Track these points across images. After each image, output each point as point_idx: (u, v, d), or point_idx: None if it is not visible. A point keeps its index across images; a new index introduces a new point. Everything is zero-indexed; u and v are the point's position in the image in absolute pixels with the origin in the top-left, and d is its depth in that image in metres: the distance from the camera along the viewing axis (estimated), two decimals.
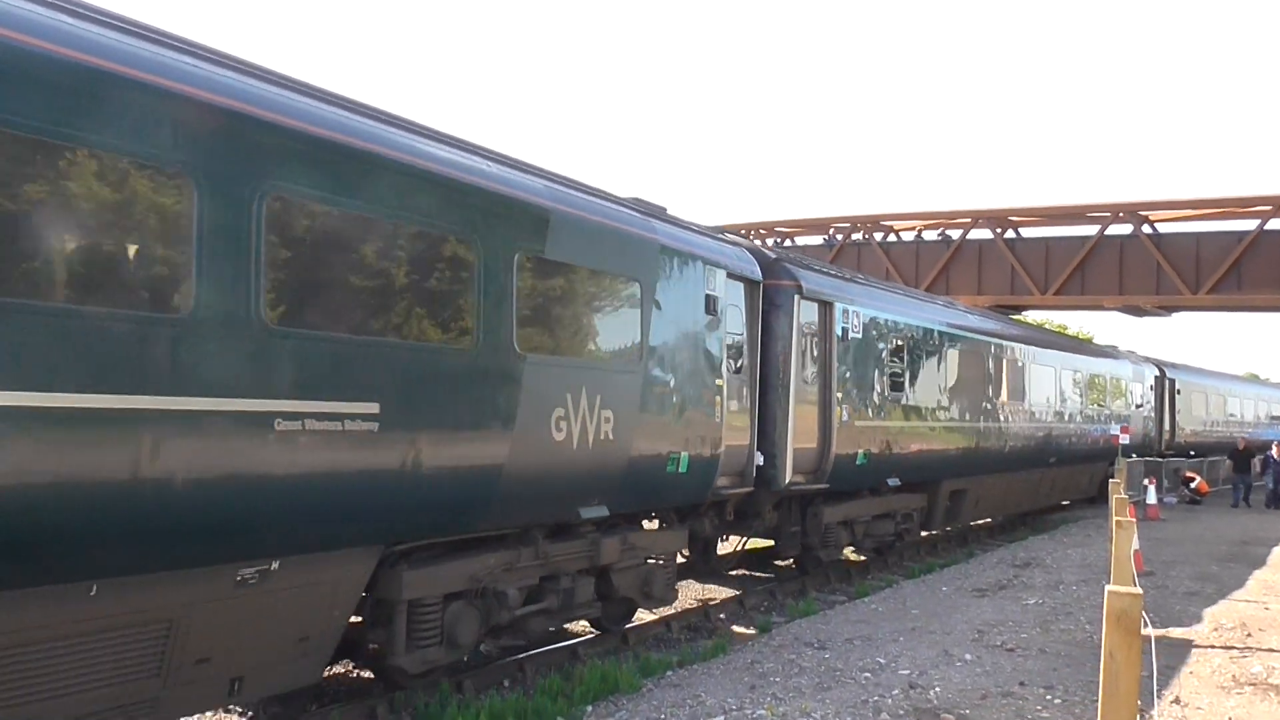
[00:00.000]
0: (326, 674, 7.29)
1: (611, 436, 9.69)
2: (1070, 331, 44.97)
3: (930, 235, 35.88)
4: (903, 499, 17.30)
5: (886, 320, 16.19)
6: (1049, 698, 8.86)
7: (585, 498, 9.66)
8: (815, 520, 14.81)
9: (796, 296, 13.49)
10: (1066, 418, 25.43)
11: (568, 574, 9.96)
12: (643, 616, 12.24)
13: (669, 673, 10.03)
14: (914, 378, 17.06)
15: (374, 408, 7.15)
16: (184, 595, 6.32)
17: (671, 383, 10.73)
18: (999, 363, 21.07)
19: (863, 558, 17.35)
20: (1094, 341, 39.25)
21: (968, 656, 10.30)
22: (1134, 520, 9.86)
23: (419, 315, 7.72)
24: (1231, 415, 43.88)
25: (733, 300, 12.22)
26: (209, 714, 8.44)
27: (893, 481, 16.54)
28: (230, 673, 6.83)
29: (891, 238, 36.50)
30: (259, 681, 7.11)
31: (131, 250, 5.87)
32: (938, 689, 9.07)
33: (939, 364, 18.13)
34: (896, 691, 8.96)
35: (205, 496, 6.12)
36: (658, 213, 11.52)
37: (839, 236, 36.59)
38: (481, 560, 8.83)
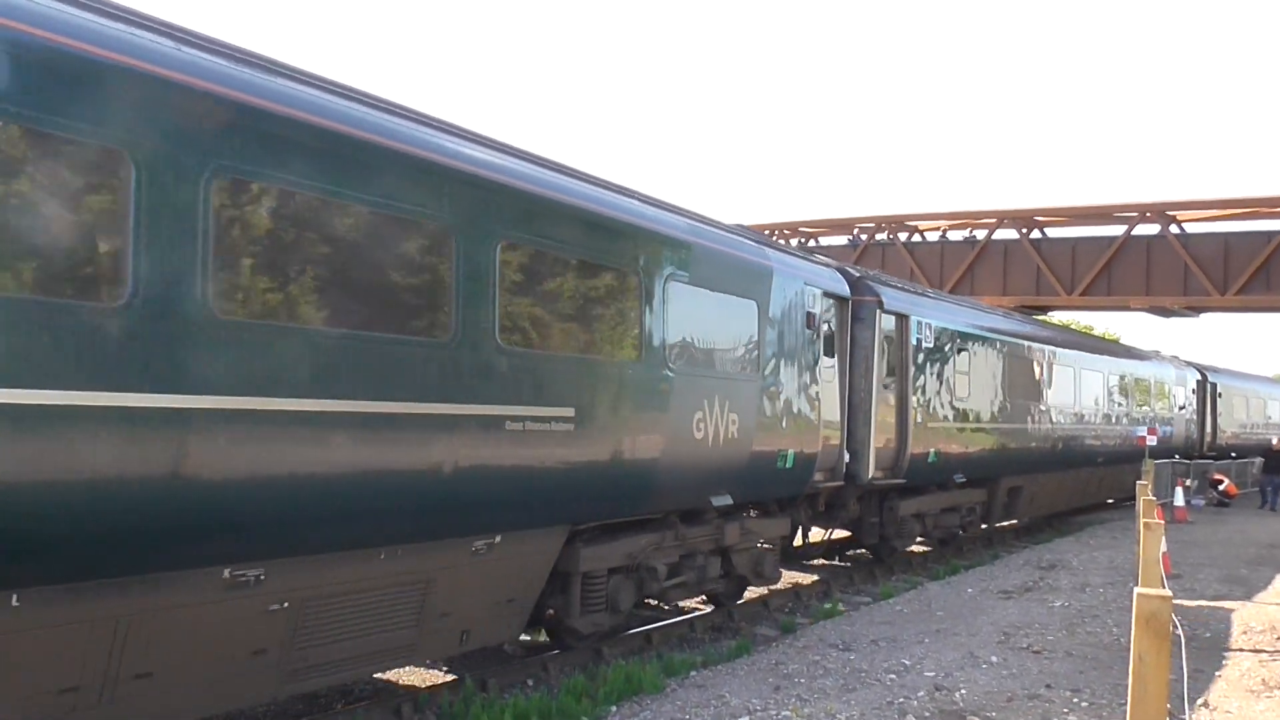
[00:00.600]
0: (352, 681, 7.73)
1: (736, 436, 11.21)
2: (1096, 332, 44.71)
3: (955, 235, 35.71)
4: (966, 494, 18.69)
5: (953, 330, 17.63)
6: (1076, 701, 8.81)
7: (715, 488, 11.16)
8: (892, 513, 16.20)
9: (878, 310, 14.87)
10: (1114, 420, 26.71)
11: (701, 553, 11.56)
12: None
13: (693, 673, 10.03)
14: (977, 382, 18.50)
15: (570, 412, 8.73)
16: (439, 561, 7.91)
17: (781, 389, 12.26)
18: (1052, 368, 22.45)
19: (925, 548, 18.99)
20: (1120, 342, 39.05)
21: (993, 659, 10.25)
22: (1162, 522, 9.79)
23: (601, 335, 9.35)
24: (1270, 418, 44.80)
25: (827, 315, 13.66)
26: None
27: (958, 478, 17.89)
28: (461, 626, 8.39)
29: (916, 238, 36.35)
30: (479, 635, 8.67)
31: (407, 293, 7.42)
32: (963, 691, 9.03)
33: (999, 369, 19.61)
34: (922, 693, 8.93)
35: (464, 480, 7.76)
36: (767, 241, 13.63)
37: (863, 237, 36.47)
38: (636, 540, 10.45)
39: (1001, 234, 33.87)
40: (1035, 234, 33.48)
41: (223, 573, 6.29)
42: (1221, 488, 30.32)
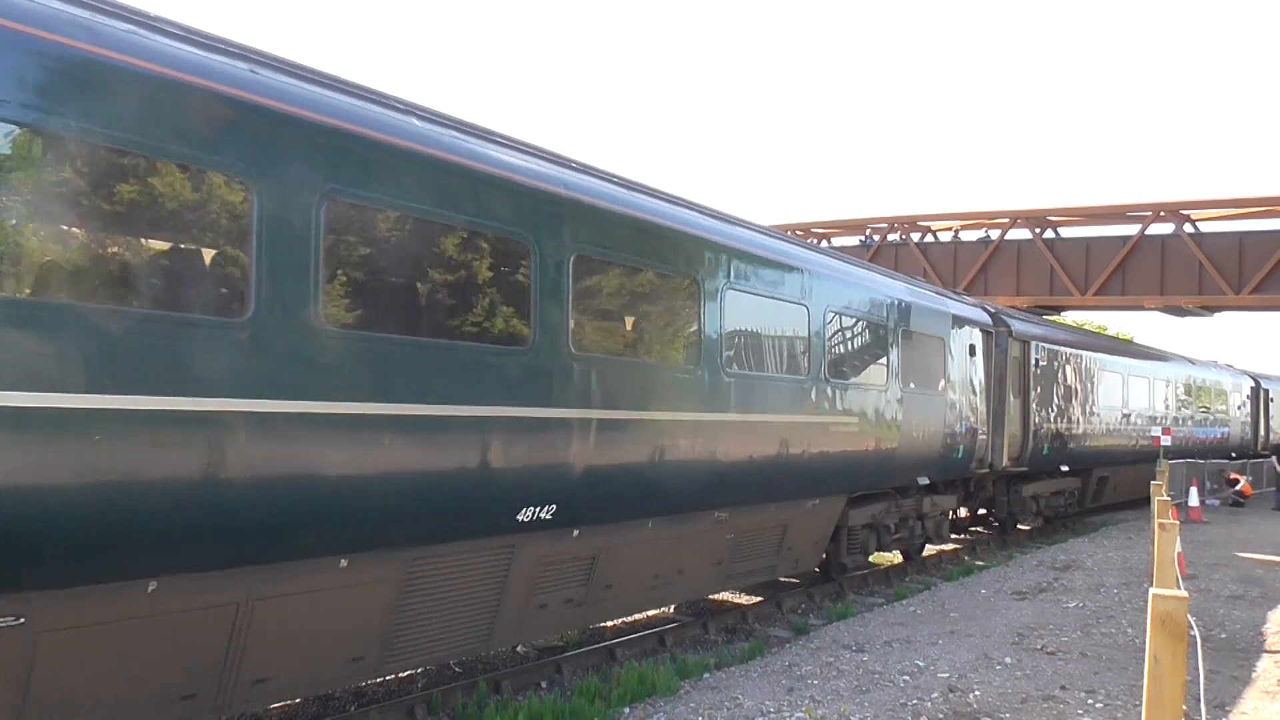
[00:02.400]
0: (365, 683, 7.64)
1: (935, 435, 15.69)
2: (1110, 332, 44.63)
3: (968, 236, 35.58)
4: (1068, 481, 23.41)
5: (1060, 351, 22.16)
6: (1091, 702, 8.78)
7: (921, 471, 15.54)
8: (1016, 494, 20.84)
9: (1009, 338, 19.47)
10: (1181, 421, 31.33)
11: (910, 517, 15.97)
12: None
13: (706, 675, 10.03)
14: (1076, 391, 22.97)
15: (855, 419, 13.12)
16: (791, 514, 12.42)
17: (957, 400, 16.58)
18: (1130, 377, 27.28)
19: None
20: (1133, 342, 39.07)
21: (1008, 660, 10.22)
22: (1177, 523, 9.74)
23: (870, 369, 13.72)
24: None
25: (981, 345, 17.94)
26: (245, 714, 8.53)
27: (1063, 468, 22.38)
28: (795, 556, 12.99)
29: (929, 238, 36.23)
30: (802, 563, 13.32)
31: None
32: (977, 692, 9.01)
33: (1092, 380, 24.18)
34: (936, 695, 8.91)
35: (810, 463, 12.15)
36: (944, 291, 18.26)
37: (875, 237, 36.38)
38: (875, 506, 14.79)
39: (1015, 234, 33.71)
40: (1049, 234, 33.32)
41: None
42: (1238, 488, 30.17)
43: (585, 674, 10.13)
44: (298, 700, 8.72)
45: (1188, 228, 30.50)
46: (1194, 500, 25.52)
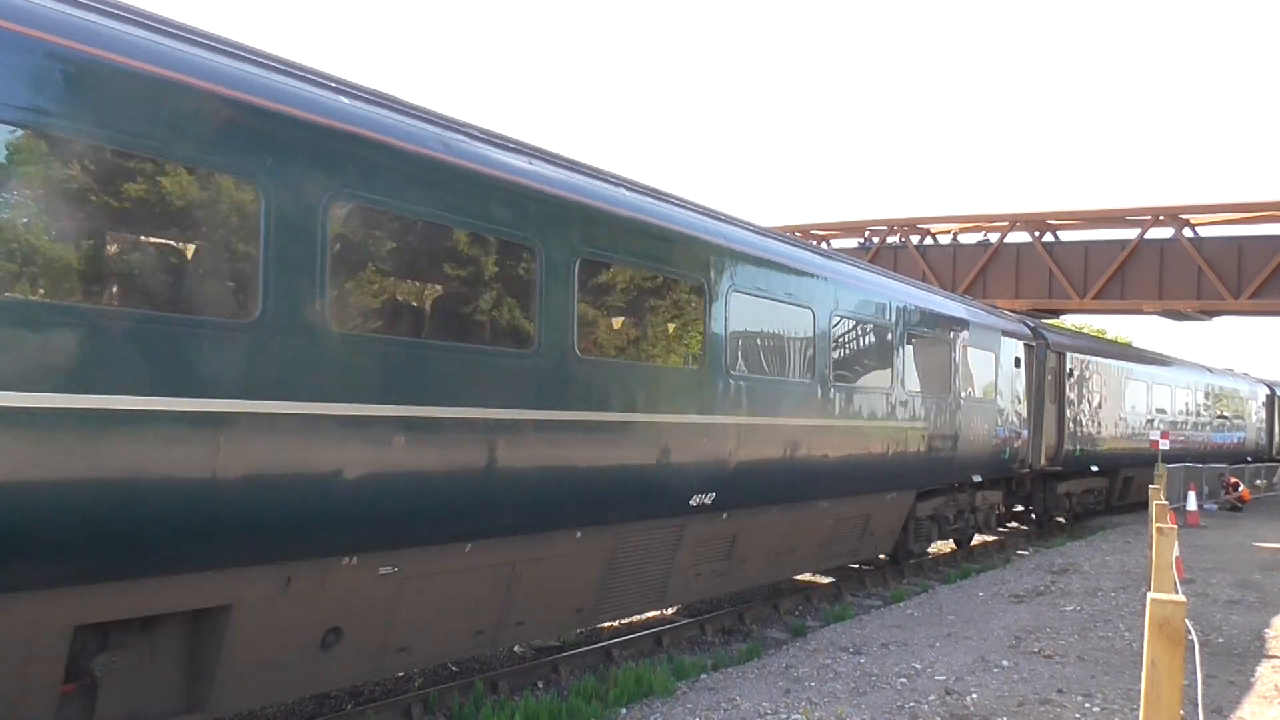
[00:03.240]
0: (362, 683, 7.75)
1: (988, 438, 17.88)
2: (1109, 336, 44.74)
3: (967, 239, 35.57)
4: (1097, 480, 25.91)
5: (1091, 361, 24.52)
6: (1088, 705, 8.77)
7: (975, 469, 17.62)
8: (1052, 491, 23.27)
9: (1047, 350, 21.54)
10: (1199, 426, 34.00)
11: (965, 510, 18.29)
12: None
13: (703, 676, 10.02)
14: (1107, 398, 25.32)
15: (924, 422, 15.16)
16: (873, 505, 14.49)
17: (1004, 407, 18.78)
18: (1154, 385, 29.77)
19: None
20: (1132, 346, 39.12)
21: (1005, 663, 10.22)
22: (1174, 527, 9.73)
23: (939, 382, 15.85)
24: None
25: (1024, 357, 20.07)
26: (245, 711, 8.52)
27: (1093, 468, 24.75)
28: (874, 542, 15.17)
29: (928, 241, 36.22)
30: (880, 548, 15.75)
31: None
32: (974, 695, 9.00)
33: (1122, 388, 26.74)
34: (933, 697, 8.90)
35: (892, 461, 14.16)
36: (995, 310, 21.16)
37: (874, 240, 36.37)
38: (936, 500, 17.01)
39: (1014, 237, 33.69)
40: (1048, 237, 33.31)
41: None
42: (1237, 492, 30.19)
43: (582, 674, 10.13)
44: (297, 700, 8.70)
45: (1186, 232, 30.49)
46: (1192, 505, 25.52)
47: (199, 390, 5.78)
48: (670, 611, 13.14)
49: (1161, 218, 30.72)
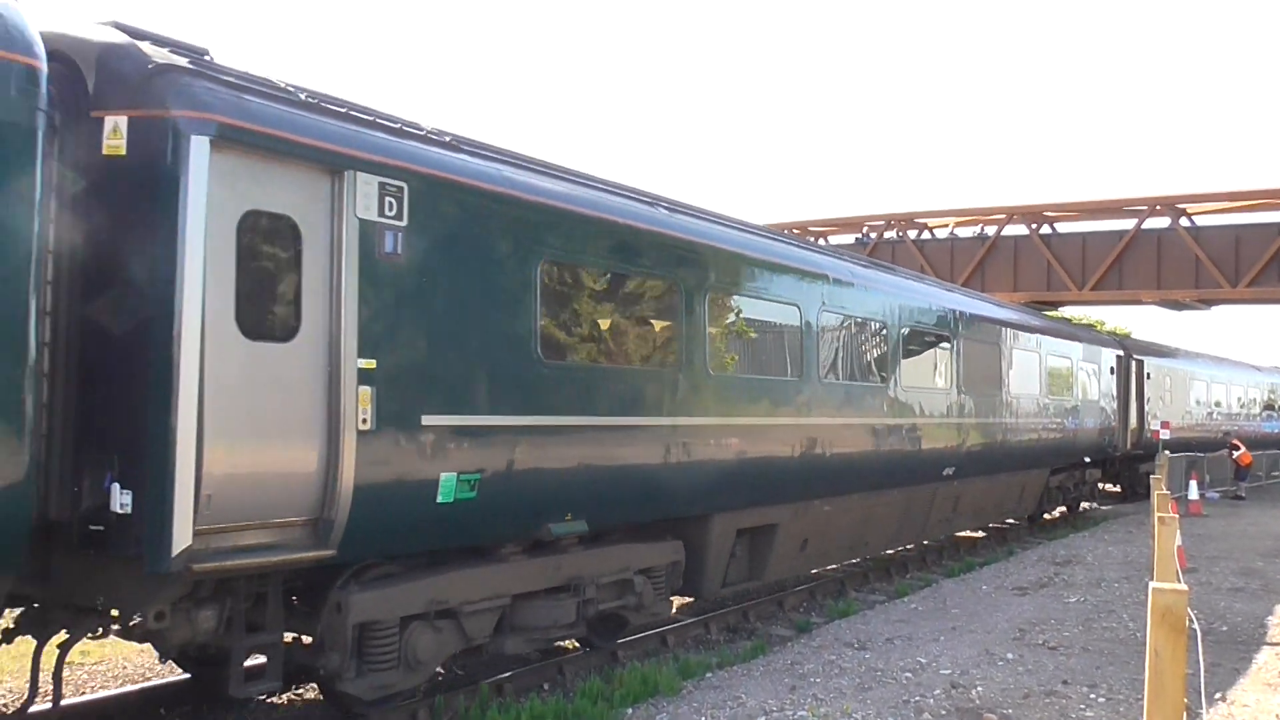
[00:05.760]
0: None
1: (1095, 426, 24.00)
2: (1108, 327, 44.82)
3: (965, 232, 35.59)
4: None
5: (1164, 364, 31.00)
6: (1093, 696, 8.80)
7: (1085, 451, 23.84)
8: (1135, 470, 29.19)
9: (1131, 358, 27.72)
10: (1250, 417, 42.55)
11: (1078, 483, 24.64)
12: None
13: (709, 674, 10.02)
14: (1176, 396, 32.18)
15: (1057, 418, 21.44)
16: (1027, 478, 20.65)
17: (1105, 405, 24.89)
18: (1215, 384, 37.78)
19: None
20: (1132, 337, 39.24)
21: (1009, 655, 10.24)
22: (1176, 516, 9.75)
23: (1063, 388, 22.23)
24: None
25: (1117, 365, 25.98)
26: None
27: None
28: (1025, 504, 21.39)
29: (925, 235, 36.23)
30: (1026, 510, 21.90)
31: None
32: (980, 688, 9.02)
33: (1187, 387, 34.03)
34: (938, 691, 8.92)
35: (1039, 445, 20.59)
36: (1100, 334, 28.23)
37: (872, 235, 36.38)
38: (1063, 475, 23.09)
39: (1011, 230, 33.70)
40: (1045, 229, 33.33)
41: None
42: (1237, 454, 30.26)
43: (588, 675, 10.13)
44: (297, 699, 8.72)
45: (1184, 222, 30.53)
46: (1194, 494, 25.55)
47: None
48: (675, 610, 13.16)
49: (1158, 208, 30.75)
